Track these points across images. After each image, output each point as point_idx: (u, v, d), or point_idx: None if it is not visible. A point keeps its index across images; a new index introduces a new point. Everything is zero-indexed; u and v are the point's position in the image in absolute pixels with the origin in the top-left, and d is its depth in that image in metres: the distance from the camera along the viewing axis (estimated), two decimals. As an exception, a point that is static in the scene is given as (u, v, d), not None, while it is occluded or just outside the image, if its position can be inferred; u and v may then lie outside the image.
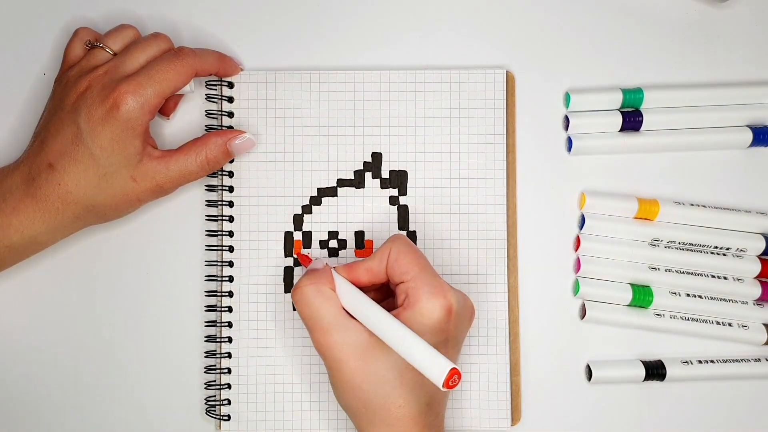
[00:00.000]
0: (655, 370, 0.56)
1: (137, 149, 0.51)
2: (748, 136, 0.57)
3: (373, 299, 0.49)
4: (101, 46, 0.53)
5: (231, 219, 0.56)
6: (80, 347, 0.56)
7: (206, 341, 0.56)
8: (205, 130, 0.57)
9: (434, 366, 0.43)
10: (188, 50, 0.53)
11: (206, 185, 0.57)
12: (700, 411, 0.57)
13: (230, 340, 0.55)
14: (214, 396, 0.55)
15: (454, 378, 0.43)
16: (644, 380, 0.56)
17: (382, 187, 0.57)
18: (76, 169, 0.50)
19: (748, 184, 0.58)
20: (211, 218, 0.56)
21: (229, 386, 0.55)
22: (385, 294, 0.53)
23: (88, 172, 0.50)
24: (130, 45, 0.53)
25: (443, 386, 0.43)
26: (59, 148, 0.50)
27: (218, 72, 0.56)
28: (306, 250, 0.56)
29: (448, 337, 0.47)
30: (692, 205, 0.57)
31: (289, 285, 0.56)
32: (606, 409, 0.57)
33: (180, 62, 0.52)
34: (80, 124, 0.50)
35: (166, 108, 0.56)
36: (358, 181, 0.57)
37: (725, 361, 0.57)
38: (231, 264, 0.56)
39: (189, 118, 0.57)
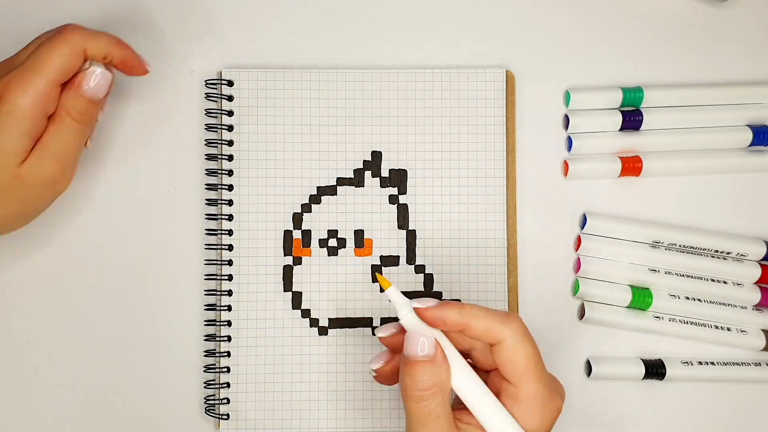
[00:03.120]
0: (654, 369, 0.56)
1: (23, 145, 0.47)
2: (748, 135, 0.57)
3: None
4: None
5: (230, 217, 0.56)
6: (79, 345, 0.56)
7: (206, 340, 0.56)
8: (205, 128, 0.57)
9: None
10: (72, 27, 0.48)
11: (206, 184, 0.57)
12: (698, 411, 0.57)
13: (229, 338, 0.55)
14: (214, 395, 0.55)
15: None
16: (643, 378, 0.56)
17: (381, 186, 0.57)
18: None
19: (749, 186, 0.59)
20: (210, 217, 0.56)
21: (228, 385, 0.55)
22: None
23: None
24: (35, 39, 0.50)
25: None
26: None
27: (116, 59, 0.50)
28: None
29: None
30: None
31: (288, 283, 0.56)
32: (605, 408, 0.57)
33: (62, 41, 0.47)
34: None
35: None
36: (357, 180, 0.56)
37: (725, 364, 0.57)
38: (230, 263, 0.56)
39: (189, 116, 0.57)
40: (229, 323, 0.56)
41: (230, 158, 0.56)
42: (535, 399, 0.43)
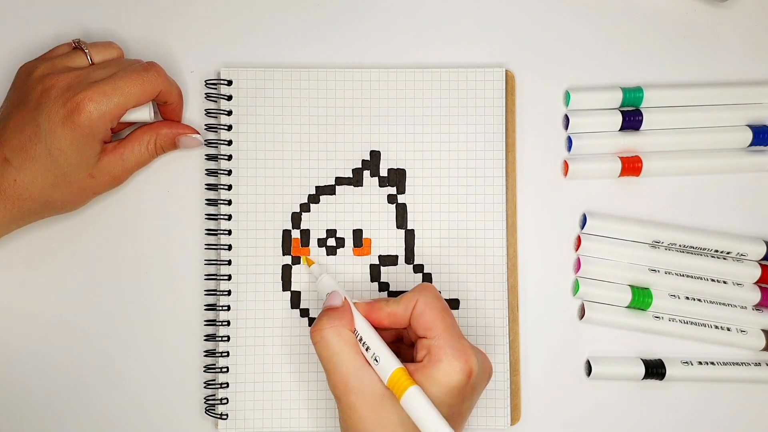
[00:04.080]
0: (654, 369, 0.55)
1: (96, 152, 0.52)
2: (748, 135, 0.57)
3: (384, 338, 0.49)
4: (86, 51, 0.53)
5: (229, 217, 0.56)
6: (79, 345, 0.56)
7: (206, 340, 0.56)
8: (205, 128, 0.57)
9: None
10: (158, 68, 0.53)
11: (206, 184, 0.57)
12: (698, 411, 0.57)
13: (228, 338, 0.55)
14: (213, 395, 0.55)
15: None
16: (643, 378, 0.56)
17: (380, 186, 0.56)
18: (32, 167, 0.50)
19: (749, 186, 0.58)
20: (210, 217, 0.56)
21: (227, 385, 0.55)
22: (396, 335, 0.52)
23: (45, 171, 0.51)
24: (109, 60, 0.54)
25: None
26: (17, 143, 0.50)
27: (170, 105, 0.56)
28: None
29: (464, 399, 0.47)
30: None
31: (287, 283, 0.56)
32: (605, 408, 0.57)
33: (148, 77, 0.52)
34: (40, 123, 0.50)
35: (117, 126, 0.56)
36: (356, 180, 0.56)
37: (725, 364, 0.56)
38: (229, 262, 0.56)
39: (189, 116, 0.57)
40: (228, 323, 0.55)
41: (229, 158, 0.56)
42: (443, 348, 0.46)
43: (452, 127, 0.57)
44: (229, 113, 0.56)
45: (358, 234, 0.56)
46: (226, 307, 0.55)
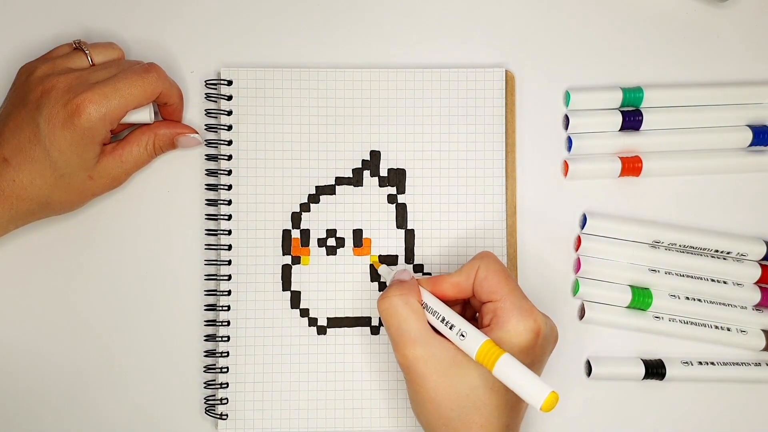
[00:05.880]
0: (654, 369, 0.55)
1: (95, 153, 0.52)
2: (748, 135, 0.57)
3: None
4: (86, 52, 0.53)
5: (229, 217, 0.56)
6: (80, 346, 0.56)
7: (206, 340, 0.56)
8: (205, 128, 0.57)
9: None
10: (159, 69, 0.53)
11: (206, 184, 0.57)
12: (698, 411, 0.57)
13: (228, 338, 0.55)
14: (213, 395, 0.55)
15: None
16: (643, 378, 0.56)
17: (380, 186, 0.56)
18: (31, 167, 0.50)
19: (748, 186, 0.58)
20: (210, 217, 0.56)
21: (227, 385, 0.55)
22: (461, 309, 0.52)
23: (44, 172, 0.51)
24: (110, 61, 0.54)
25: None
26: (16, 144, 0.50)
27: (171, 107, 0.55)
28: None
29: (534, 360, 0.47)
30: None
31: (287, 283, 0.56)
32: (605, 408, 0.57)
33: (148, 78, 0.52)
34: (40, 124, 0.50)
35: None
36: (356, 180, 0.56)
37: (725, 364, 0.56)
38: (229, 262, 0.56)
39: (189, 117, 0.57)
40: (228, 323, 0.55)
41: (229, 158, 0.56)
42: (510, 309, 0.47)
43: (452, 127, 0.57)
44: (229, 113, 0.56)
45: (358, 234, 0.56)
46: (226, 307, 0.55)
